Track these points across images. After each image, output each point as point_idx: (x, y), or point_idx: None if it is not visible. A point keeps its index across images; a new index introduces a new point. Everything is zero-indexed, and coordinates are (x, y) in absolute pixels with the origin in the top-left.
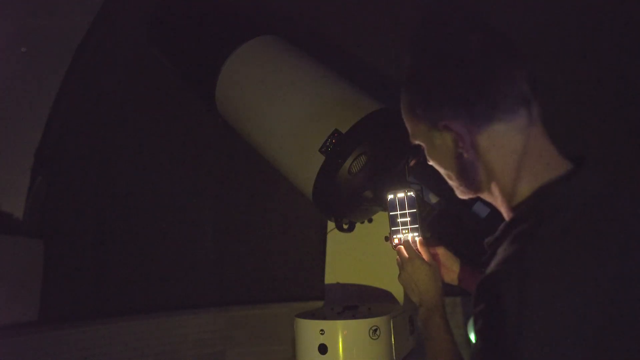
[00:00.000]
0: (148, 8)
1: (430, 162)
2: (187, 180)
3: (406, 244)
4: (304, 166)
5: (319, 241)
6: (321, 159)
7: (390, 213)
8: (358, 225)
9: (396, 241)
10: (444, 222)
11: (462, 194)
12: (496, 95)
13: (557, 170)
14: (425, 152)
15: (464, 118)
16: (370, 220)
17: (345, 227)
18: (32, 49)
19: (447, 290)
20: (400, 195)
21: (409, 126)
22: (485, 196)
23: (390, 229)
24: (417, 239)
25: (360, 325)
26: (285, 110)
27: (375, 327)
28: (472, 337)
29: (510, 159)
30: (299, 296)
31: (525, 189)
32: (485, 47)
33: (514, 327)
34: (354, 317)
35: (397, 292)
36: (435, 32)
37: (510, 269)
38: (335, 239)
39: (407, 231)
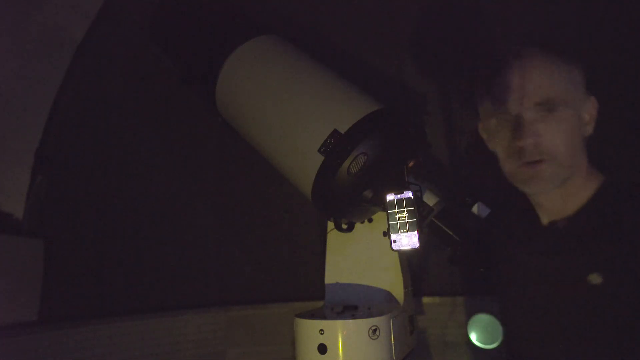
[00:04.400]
0: (149, 8)
1: (558, 140)
2: (187, 179)
3: None
4: (303, 166)
5: (319, 241)
6: (320, 159)
7: (389, 212)
8: (358, 225)
9: (394, 241)
10: (443, 221)
11: (561, 178)
12: None
13: None
14: (560, 125)
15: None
16: (370, 220)
17: (344, 227)
18: (32, 49)
19: (448, 290)
20: (399, 195)
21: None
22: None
23: (389, 228)
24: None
25: (360, 325)
26: (285, 110)
27: (374, 327)
28: (472, 337)
29: None
30: (299, 296)
31: None
32: None
33: None
34: (353, 317)
35: (397, 292)
36: None
37: None
38: (335, 239)
39: (405, 230)
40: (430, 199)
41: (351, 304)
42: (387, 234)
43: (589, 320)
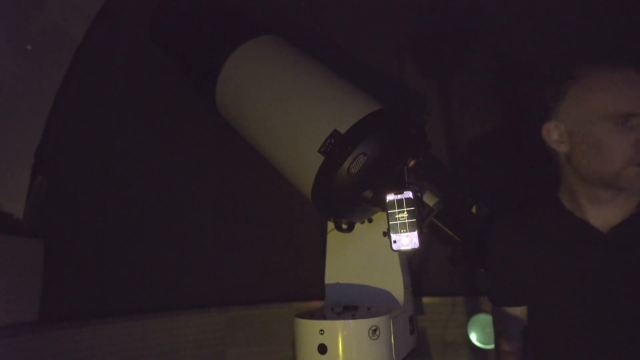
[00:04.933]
0: (149, 8)
1: None
2: (187, 180)
3: None
4: (303, 166)
5: (319, 241)
6: (320, 159)
7: (389, 212)
8: (358, 225)
9: (394, 241)
10: (443, 222)
11: None
12: None
13: None
14: None
15: None
16: (370, 220)
17: (344, 227)
18: (32, 49)
19: (448, 290)
20: (399, 195)
21: None
22: None
23: (389, 228)
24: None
25: (360, 325)
26: (285, 110)
27: (375, 327)
28: (472, 337)
29: None
30: (299, 296)
31: None
32: None
33: None
34: (353, 317)
35: (397, 292)
36: None
37: None
38: (335, 239)
39: (405, 230)
40: (430, 199)
41: (351, 304)
42: (387, 234)
43: None
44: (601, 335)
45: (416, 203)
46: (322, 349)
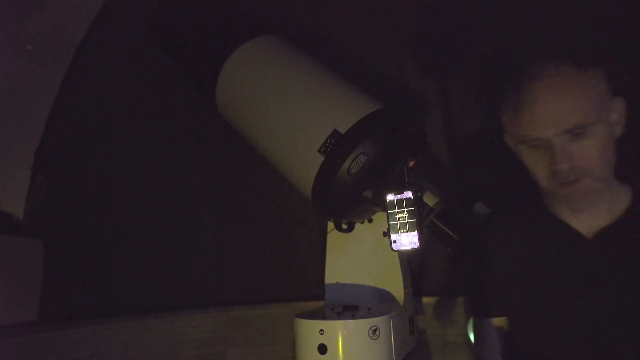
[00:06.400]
0: (149, 8)
1: (592, 157)
2: (187, 180)
3: None
4: (303, 166)
5: (319, 241)
6: (320, 159)
7: (389, 212)
8: (358, 225)
9: (394, 241)
10: (443, 221)
11: (598, 191)
12: None
13: None
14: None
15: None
16: (370, 220)
17: (344, 227)
18: (32, 49)
19: (448, 290)
20: (399, 195)
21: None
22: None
23: (389, 228)
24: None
25: (359, 325)
26: (285, 110)
27: (374, 327)
28: (472, 337)
29: None
30: (299, 296)
31: None
32: None
33: None
34: (353, 317)
35: (397, 292)
36: None
37: None
38: (335, 239)
39: (405, 230)
40: (430, 199)
41: (351, 304)
42: (387, 234)
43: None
44: (587, 341)
45: (416, 203)
46: (322, 349)
